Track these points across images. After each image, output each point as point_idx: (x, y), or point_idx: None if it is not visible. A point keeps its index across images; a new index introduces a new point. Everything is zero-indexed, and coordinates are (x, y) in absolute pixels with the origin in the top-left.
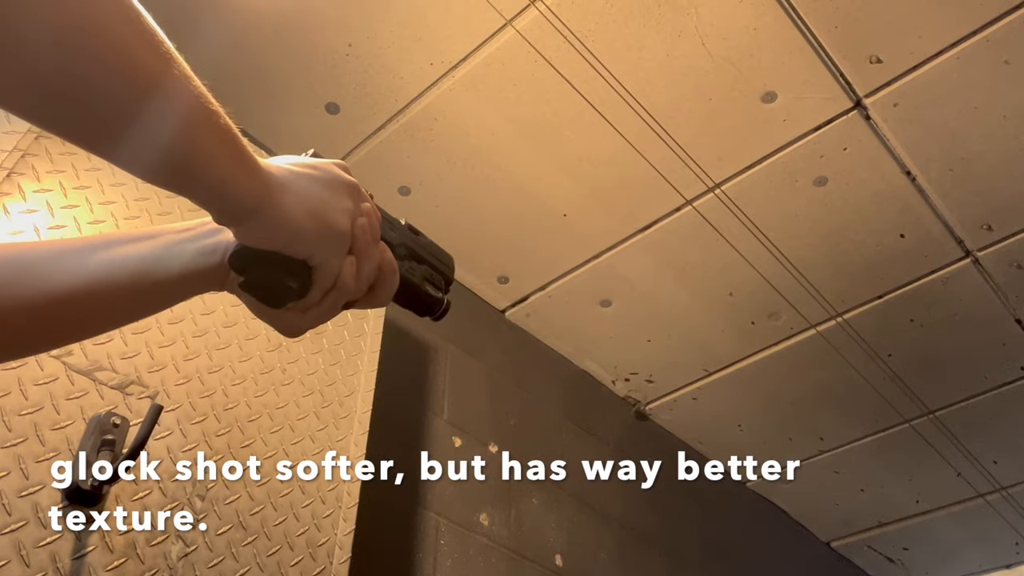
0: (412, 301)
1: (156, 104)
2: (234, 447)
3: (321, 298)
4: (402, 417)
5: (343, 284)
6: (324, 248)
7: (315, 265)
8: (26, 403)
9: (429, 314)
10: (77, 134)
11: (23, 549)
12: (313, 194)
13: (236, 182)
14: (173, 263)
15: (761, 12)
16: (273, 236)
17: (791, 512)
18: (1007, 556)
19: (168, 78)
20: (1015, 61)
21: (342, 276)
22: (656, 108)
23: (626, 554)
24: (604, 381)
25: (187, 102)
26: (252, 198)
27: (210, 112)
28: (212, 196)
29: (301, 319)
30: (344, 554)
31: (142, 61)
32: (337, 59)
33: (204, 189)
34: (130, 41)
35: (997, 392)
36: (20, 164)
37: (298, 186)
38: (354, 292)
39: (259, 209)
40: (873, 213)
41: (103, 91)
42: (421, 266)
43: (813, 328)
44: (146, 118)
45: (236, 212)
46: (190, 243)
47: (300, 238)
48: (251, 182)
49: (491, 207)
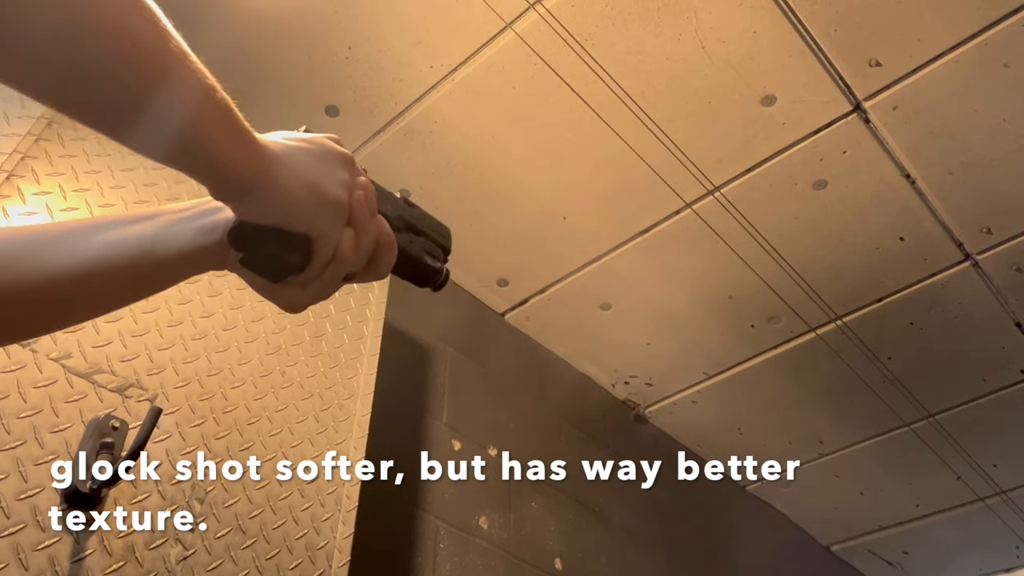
0: (411, 272)
1: (157, 83)
2: (233, 450)
3: (321, 271)
4: (401, 420)
5: (342, 256)
6: (323, 220)
7: (314, 238)
8: (25, 406)
9: (429, 284)
10: (88, 115)
11: (22, 552)
12: (309, 167)
13: (234, 158)
14: (173, 242)
15: (760, 15)
16: (272, 211)
17: (791, 516)
18: (1007, 560)
19: (167, 56)
20: (1014, 65)
21: (341, 248)
22: (655, 111)
23: (626, 558)
24: (603, 384)
25: (185, 79)
26: (250, 173)
27: (208, 87)
28: (210, 172)
29: (302, 294)
30: (343, 557)
31: (141, 38)
32: (337, 62)
33: (202, 165)
34: (130, 18)
35: (997, 395)
36: (20, 167)
37: (294, 160)
38: (353, 264)
39: (257, 184)
40: (872, 216)
41: (106, 70)
42: (419, 238)
43: (813, 331)
44: (148, 98)
45: (234, 188)
46: (189, 222)
47: (298, 211)
48: (248, 157)
49: (490, 210)
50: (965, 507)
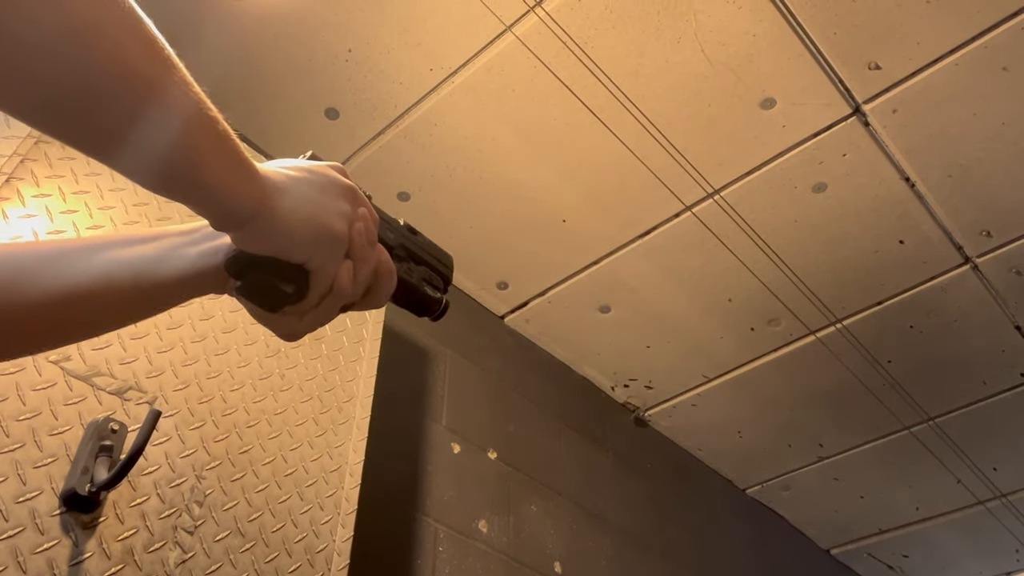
0: (410, 302)
1: (154, 110)
2: (232, 453)
3: (318, 302)
4: (401, 423)
5: (340, 288)
6: (320, 253)
7: (312, 269)
8: (24, 408)
9: (427, 314)
10: (75, 138)
11: (20, 555)
12: (310, 199)
13: (233, 189)
14: (174, 264)
15: (760, 18)
16: (270, 242)
17: (790, 519)
18: (1007, 563)
19: (167, 84)
20: (1014, 68)
21: (338, 280)
22: (655, 114)
23: (625, 561)
24: (603, 387)
25: (186, 108)
26: (250, 205)
27: (208, 118)
28: (209, 203)
29: (298, 323)
30: (342, 560)
31: (141, 66)
32: (337, 64)
33: (201, 196)
34: (129, 46)
35: (997, 399)
36: (19, 169)
37: (295, 192)
38: (351, 296)
39: (256, 216)
40: (872, 219)
41: (101, 96)
42: (419, 267)
43: (812, 334)
44: (144, 124)
45: (233, 219)
46: (192, 246)
47: (296, 244)
48: (248, 188)
49: (490, 213)
50: (965, 510)
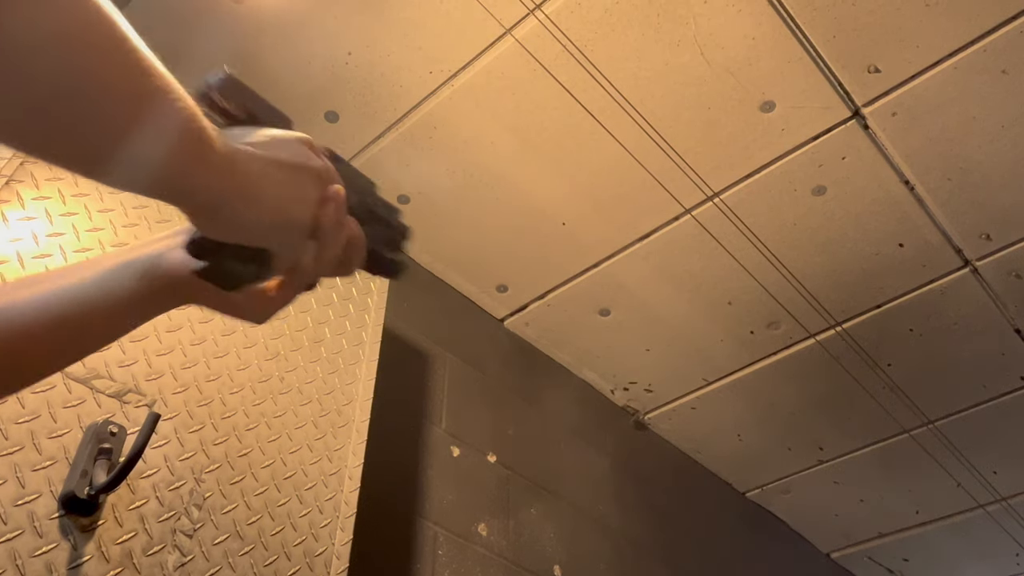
0: (372, 268)
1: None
2: (232, 456)
3: (282, 283)
4: (400, 426)
5: (302, 269)
6: (285, 238)
7: (274, 253)
8: (23, 411)
9: (391, 276)
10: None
11: (19, 558)
12: (278, 184)
13: (199, 182)
14: (117, 289)
15: (759, 21)
16: (234, 231)
17: (790, 522)
18: (1007, 567)
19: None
20: (1013, 71)
21: (302, 262)
22: (655, 117)
23: (625, 564)
24: (603, 390)
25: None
26: (215, 197)
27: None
28: (174, 195)
29: (264, 304)
30: (342, 564)
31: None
32: (337, 68)
33: (165, 190)
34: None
35: (997, 402)
36: (19, 171)
37: (263, 180)
38: (314, 275)
39: (221, 206)
40: (872, 222)
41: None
42: (381, 229)
43: (812, 337)
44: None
45: (197, 210)
46: (129, 266)
47: (261, 231)
48: (214, 181)
49: (490, 216)
50: (965, 514)
